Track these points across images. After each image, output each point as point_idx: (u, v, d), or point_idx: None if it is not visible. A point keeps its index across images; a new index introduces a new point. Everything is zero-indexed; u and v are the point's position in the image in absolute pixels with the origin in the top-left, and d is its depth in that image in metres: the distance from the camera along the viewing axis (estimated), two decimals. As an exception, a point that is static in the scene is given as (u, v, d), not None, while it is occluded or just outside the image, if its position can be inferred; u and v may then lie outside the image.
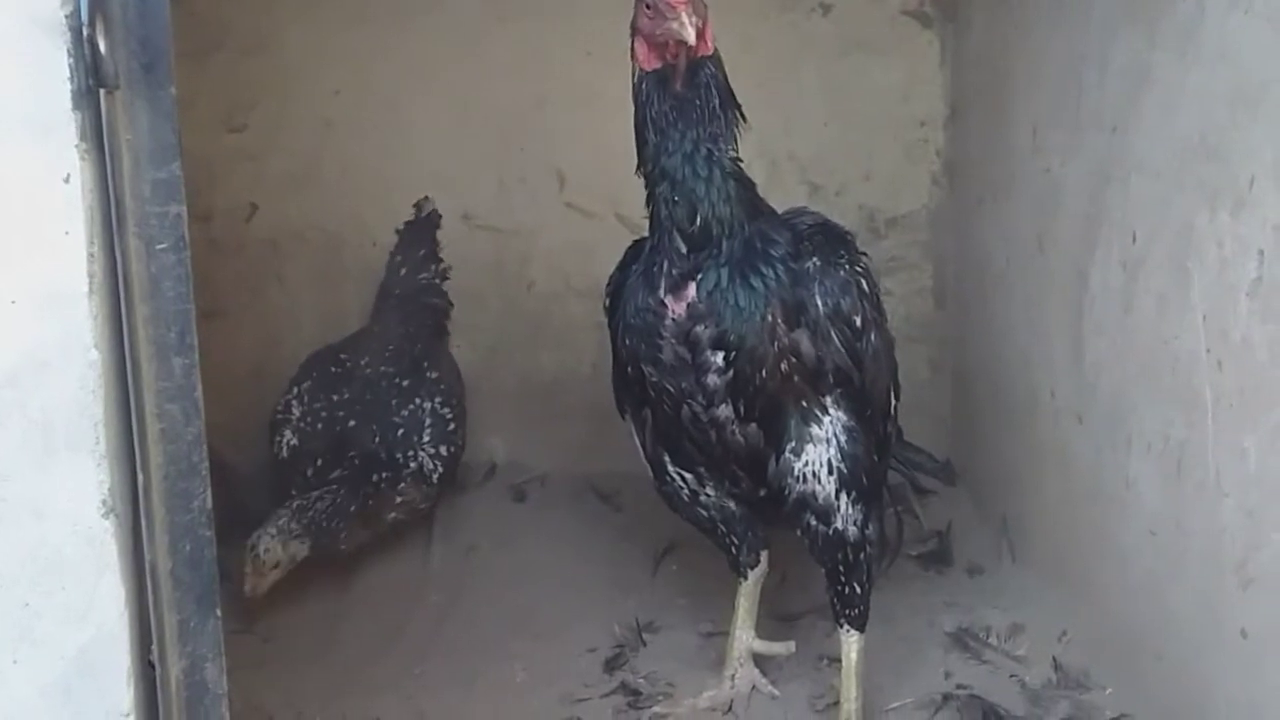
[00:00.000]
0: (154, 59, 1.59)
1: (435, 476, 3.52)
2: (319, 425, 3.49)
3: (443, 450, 3.53)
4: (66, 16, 1.56)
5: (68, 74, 1.57)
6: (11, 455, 1.66)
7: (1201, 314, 2.40)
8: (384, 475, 3.42)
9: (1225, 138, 2.31)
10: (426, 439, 3.52)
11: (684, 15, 2.39)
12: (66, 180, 1.60)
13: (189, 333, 1.70)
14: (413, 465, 3.47)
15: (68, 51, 1.57)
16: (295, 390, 3.58)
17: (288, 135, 4.01)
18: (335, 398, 3.53)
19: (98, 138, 1.63)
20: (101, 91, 1.59)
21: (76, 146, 1.60)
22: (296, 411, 3.52)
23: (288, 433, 3.49)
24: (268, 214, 4.03)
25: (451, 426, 3.59)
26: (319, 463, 3.40)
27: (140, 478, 1.74)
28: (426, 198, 3.93)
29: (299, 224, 4.05)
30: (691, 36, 2.40)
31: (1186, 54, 2.46)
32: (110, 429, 1.70)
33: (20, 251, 1.61)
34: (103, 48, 1.54)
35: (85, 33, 1.53)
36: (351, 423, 3.49)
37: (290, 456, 3.47)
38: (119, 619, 1.74)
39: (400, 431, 3.50)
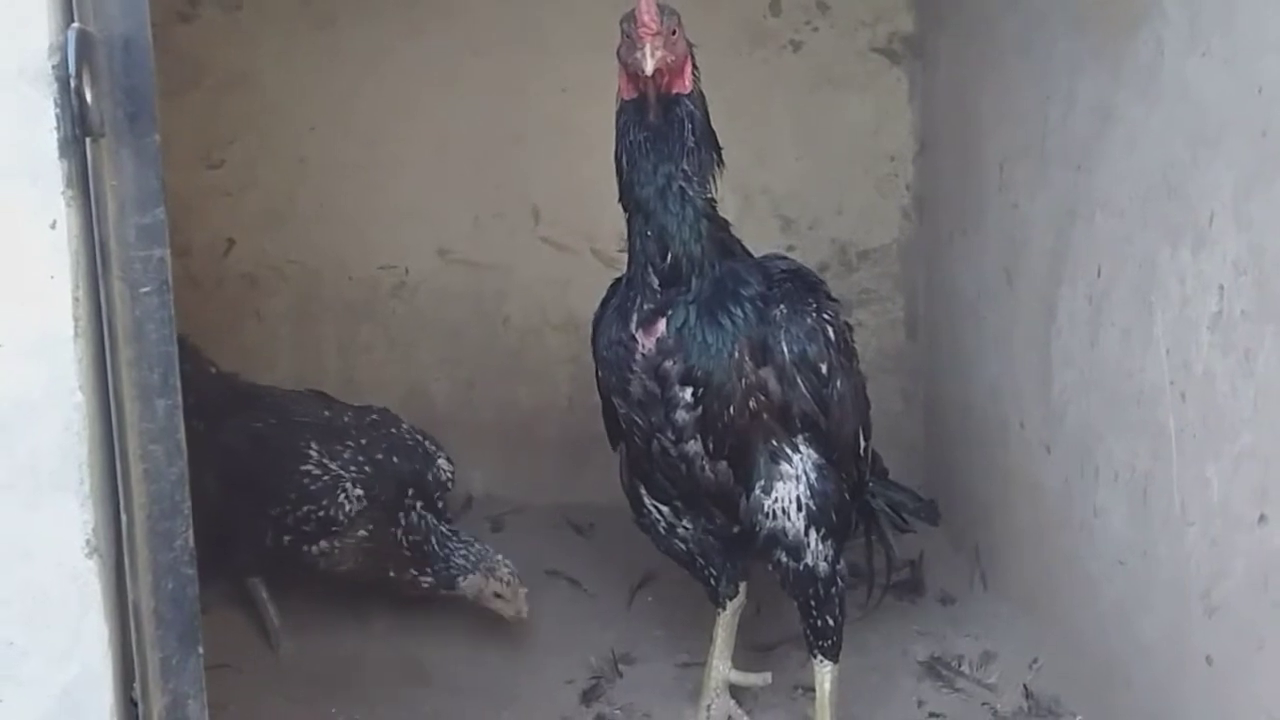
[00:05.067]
0: (139, 108, 1.62)
1: (452, 482, 3.45)
2: (368, 469, 3.25)
3: (447, 454, 3.45)
4: (54, 67, 1.58)
5: (54, 123, 1.59)
6: (-3, 496, 1.68)
7: (1165, 347, 2.45)
8: (436, 495, 3.36)
9: (1186, 176, 2.37)
10: (434, 449, 3.42)
11: (647, 47, 2.40)
12: (53, 226, 1.62)
13: (172, 375, 1.72)
14: (442, 478, 3.39)
15: (54, 101, 1.59)
16: (313, 453, 3.25)
17: (265, 171, 4.04)
18: (353, 444, 3.30)
19: (83, 184, 1.65)
20: (87, 139, 1.62)
21: (63, 193, 1.62)
22: (336, 466, 3.24)
23: (348, 486, 3.20)
24: (245, 249, 4.07)
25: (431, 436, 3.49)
26: (409, 504, 3.26)
27: (123, 518, 1.76)
28: None
29: (276, 259, 4.08)
30: (648, 68, 2.40)
31: (1148, 94, 2.52)
32: (94, 470, 1.71)
33: (7, 296, 1.63)
34: (89, 97, 1.57)
35: (72, 83, 1.55)
36: (395, 458, 3.30)
37: (363, 506, 3.22)
38: (103, 657, 1.75)
39: (420, 451, 3.38)
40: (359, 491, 3.22)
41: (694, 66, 2.55)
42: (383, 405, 3.52)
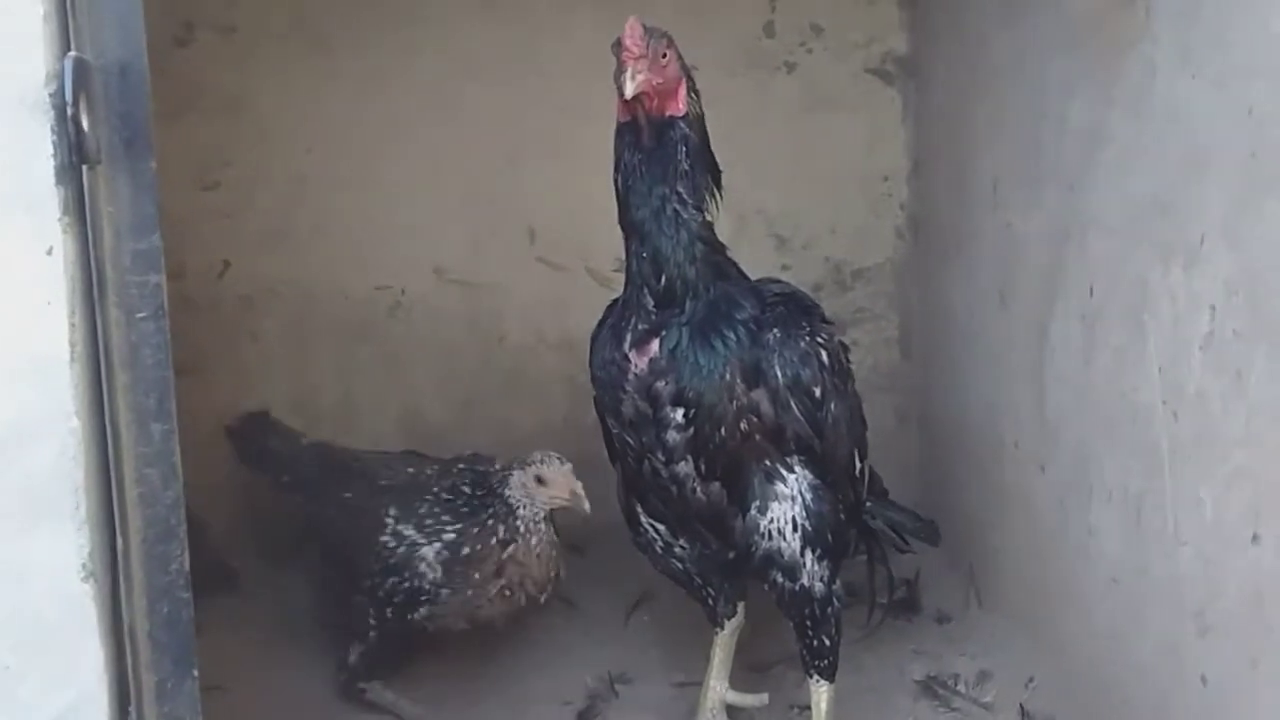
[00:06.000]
0: (135, 134, 1.63)
1: None
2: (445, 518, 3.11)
3: None
4: (50, 95, 1.59)
5: (51, 151, 1.61)
6: (-7, 520, 1.69)
7: (1157, 366, 2.46)
8: None
9: (1177, 196, 2.38)
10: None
11: (629, 70, 2.40)
12: (49, 253, 1.64)
13: (167, 399, 1.73)
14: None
15: (51, 129, 1.60)
16: (390, 520, 3.12)
17: (261, 193, 4.03)
18: (430, 499, 3.16)
19: (80, 211, 1.67)
20: (84, 166, 1.63)
21: (59, 220, 1.64)
22: (411, 531, 3.09)
23: (426, 553, 3.04)
24: (241, 271, 4.05)
25: None
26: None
27: (119, 541, 1.77)
28: None
29: (272, 280, 4.07)
30: (628, 91, 2.40)
31: (1139, 115, 2.53)
32: (90, 494, 1.72)
33: (3, 322, 1.64)
34: (85, 124, 1.58)
35: (69, 111, 1.56)
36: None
37: (446, 558, 3.06)
38: (99, 681, 1.76)
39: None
40: (434, 552, 3.04)
41: (693, 89, 2.56)
42: (404, 432, 3.48)
